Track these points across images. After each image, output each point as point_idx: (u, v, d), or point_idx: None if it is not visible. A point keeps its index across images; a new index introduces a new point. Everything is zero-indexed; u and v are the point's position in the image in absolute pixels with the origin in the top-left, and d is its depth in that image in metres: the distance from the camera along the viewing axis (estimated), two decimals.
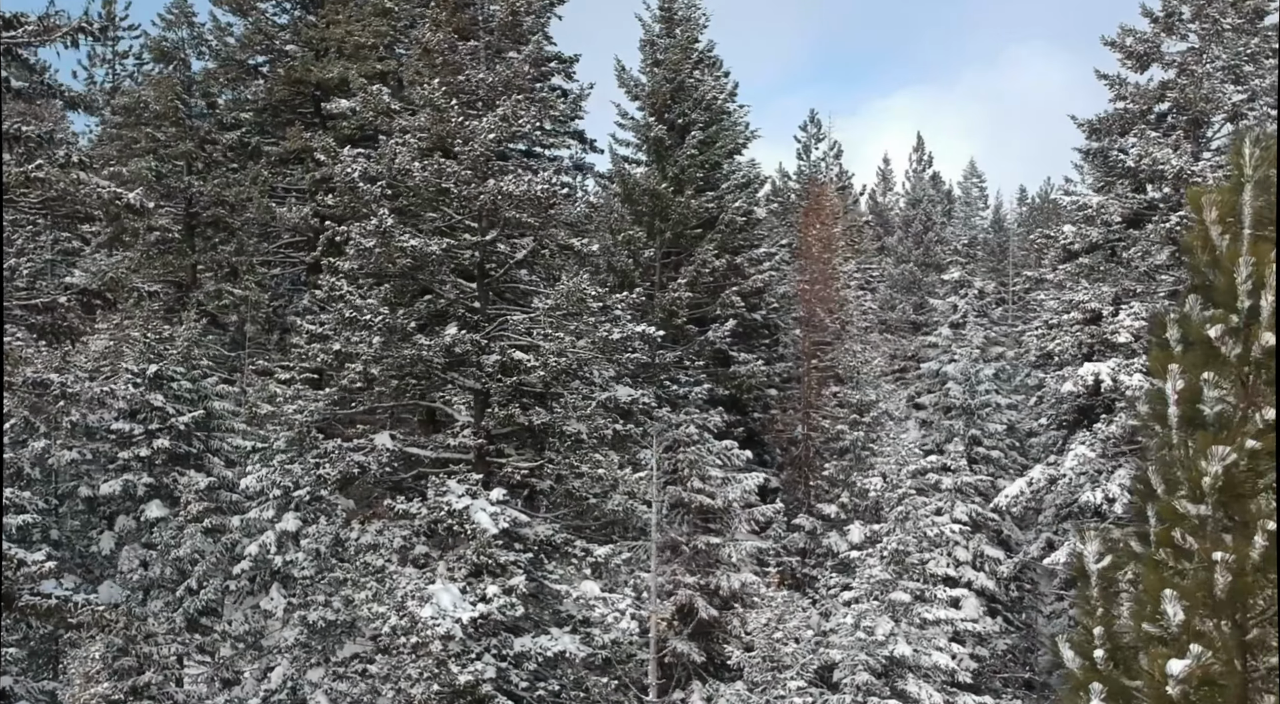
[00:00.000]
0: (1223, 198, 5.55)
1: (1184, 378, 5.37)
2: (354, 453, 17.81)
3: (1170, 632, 5.05)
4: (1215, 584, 5.02)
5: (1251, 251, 5.39)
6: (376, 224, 15.69)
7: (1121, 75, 22.37)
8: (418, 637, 15.69)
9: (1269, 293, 5.28)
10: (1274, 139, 5.57)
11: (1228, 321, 5.38)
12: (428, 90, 16.33)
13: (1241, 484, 5.18)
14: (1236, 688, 4.96)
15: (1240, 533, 5.10)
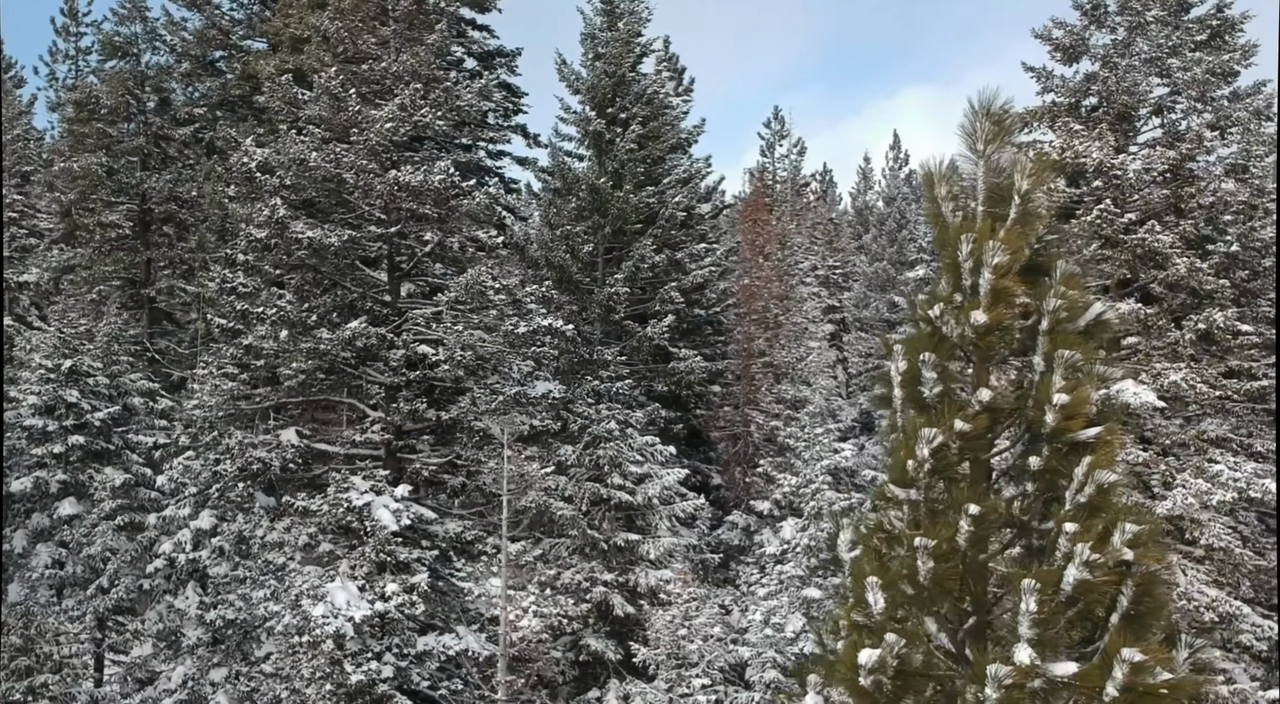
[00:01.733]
0: (952, 173, 5.35)
1: (907, 359, 5.16)
2: (257, 449, 17.51)
3: (874, 620, 4.85)
4: (918, 571, 4.81)
5: (972, 228, 5.18)
6: (269, 214, 15.41)
7: (1048, 68, 22.17)
8: (309, 636, 15.43)
9: (987, 270, 5.08)
10: (1008, 112, 5.38)
11: (951, 300, 5.18)
12: (324, 79, 16.05)
13: (950, 468, 4.98)
14: (943, 679, 4.75)
15: (947, 517, 4.89)
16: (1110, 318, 5.38)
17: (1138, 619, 4.77)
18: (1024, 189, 5.23)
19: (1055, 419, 4.91)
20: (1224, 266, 20.14)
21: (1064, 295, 5.12)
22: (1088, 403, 4.97)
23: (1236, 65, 21.01)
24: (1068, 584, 4.66)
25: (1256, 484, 19.00)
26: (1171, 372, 19.58)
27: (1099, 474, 4.77)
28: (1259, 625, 19.28)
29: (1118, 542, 4.72)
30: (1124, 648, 4.48)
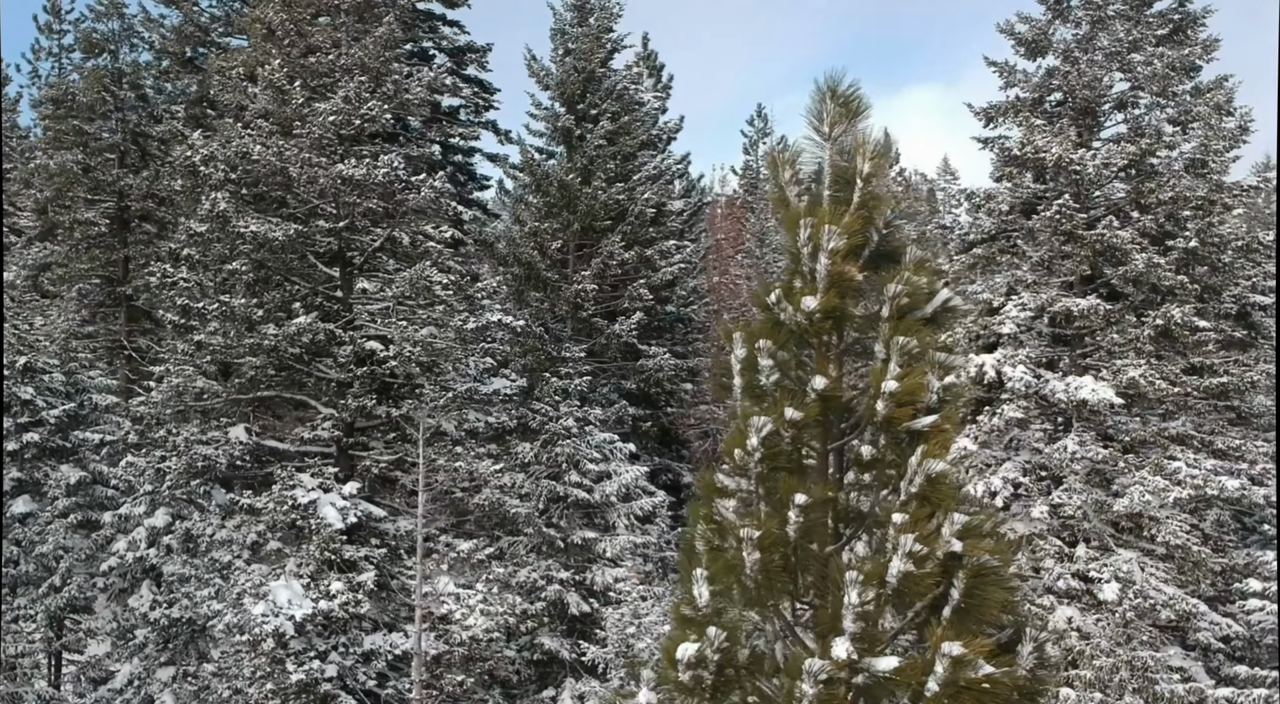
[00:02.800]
0: (794, 157, 5.21)
1: (745, 347, 5.02)
2: (205, 446, 17.37)
3: (701, 614, 4.71)
4: (744, 563, 4.67)
5: (813, 212, 5.04)
6: (209, 208, 15.28)
7: (1010, 62, 22.04)
8: (248, 635, 15.29)
9: (824, 255, 4.94)
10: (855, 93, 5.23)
11: (791, 287, 5.05)
12: (267, 72, 15.91)
13: (782, 456, 4.84)
14: (769, 674, 4.62)
15: (778, 508, 4.76)
16: (958, 304, 5.24)
17: (968, 612, 4.64)
18: (865, 171, 5.09)
19: (886, 407, 4.77)
20: (1183, 262, 20.02)
21: (908, 281, 4.98)
22: (921, 391, 4.84)
23: (1199, 60, 20.90)
24: (893, 576, 4.52)
25: (1214, 481, 18.88)
26: (1130, 368, 19.45)
27: (929, 463, 4.64)
28: (1218, 623, 19.16)
29: (946, 533, 4.59)
30: (946, 642, 4.34)
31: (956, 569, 4.65)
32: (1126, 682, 18.04)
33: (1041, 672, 5.15)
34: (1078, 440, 19.97)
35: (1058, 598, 20.37)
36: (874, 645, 4.55)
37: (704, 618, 4.66)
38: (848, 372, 5.15)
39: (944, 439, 4.79)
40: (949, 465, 4.69)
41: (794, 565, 4.73)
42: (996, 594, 4.67)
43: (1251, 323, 21.38)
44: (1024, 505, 21.38)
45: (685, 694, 4.53)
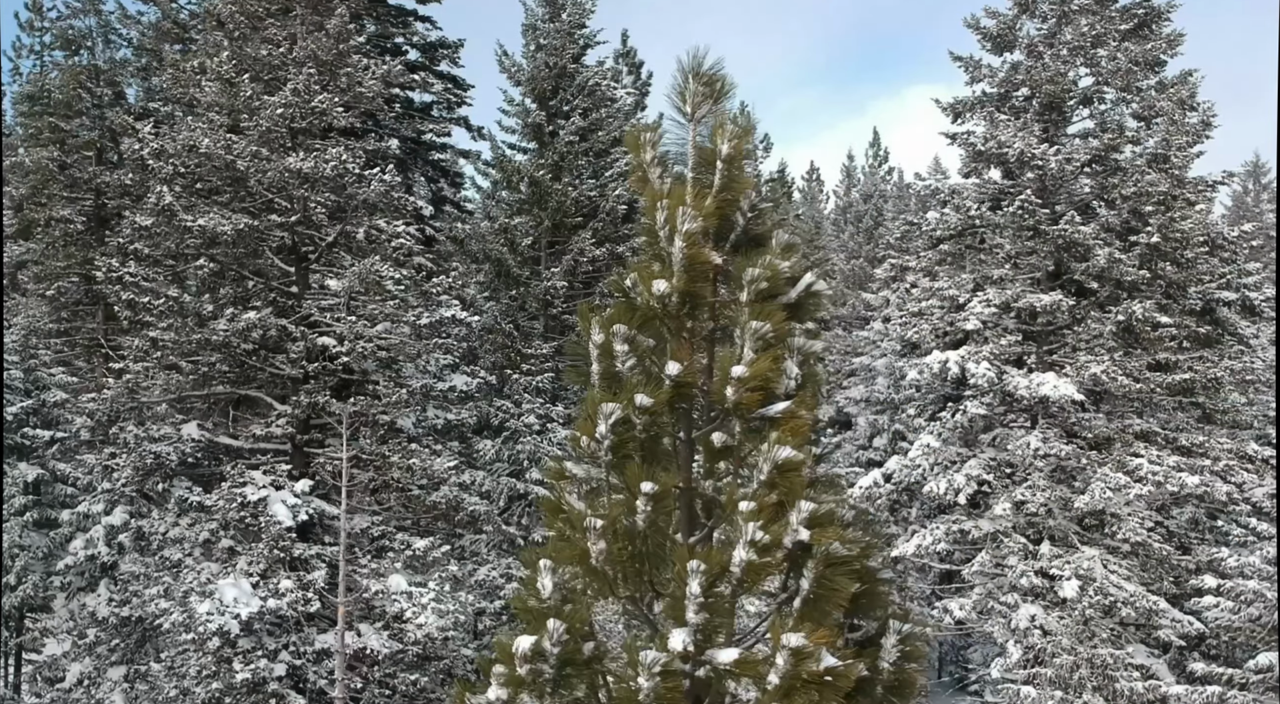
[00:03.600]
0: (656, 138, 5.08)
1: (602, 332, 4.89)
2: (156, 443, 17.20)
3: (546, 606, 4.58)
4: (591, 553, 4.54)
5: (671, 194, 4.91)
6: (155, 201, 15.11)
7: (976, 57, 21.95)
8: (193, 633, 15.14)
9: (679, 238, 4.81)
10: (719, 73, 5.10)
11: (649, 270, 4.91)
12: (215, 63, 15.76)
13: (629, 445, 4.71)
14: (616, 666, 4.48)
15: (629, 497, 4.62)
16: (824, 292, 5.12)
17: (817, 602, 4.51)
18: (725, 153, 4.96)
19: (735, 393, 4.64)
20: (1146, 258, 19.93)
21: (768, 265, 4.85)
22: (775, 376, 4.71)
23: (1163, 55, 20.81)
24: (736, 566, 4.39)
25: (1174, 478, 18.80)
26: (1093, 364, 19.35)
27: (778, 451, 4.51)
28: (1179, 620, 19.07)
29: (794, 521, 4.46)
30: (786, 633, 4.21)
31: (805, 559, 4.52)
32: (1086, 679, 17.96)
33: (910, 665, 5.03)
34: (1041, 437, 19.89)
35: (1021, 596, 20.29)
36: (716, 637, 4.42)
37: (549, 610, 4.52)
38: (712, 357, 5.01)
39: (797, 425, 4.66)
40: (800, 453, 4.55)
41: (644, 555, 4.60)
42: (846, 584, 4.54)
43: (1216, 319, 21.30)
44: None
45: (523, 689, 4.39)
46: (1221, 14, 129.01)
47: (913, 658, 4.96)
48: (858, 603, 5.07)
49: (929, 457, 20.67)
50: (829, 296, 5.91)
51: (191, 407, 18.72)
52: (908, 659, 4.96)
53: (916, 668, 5.04)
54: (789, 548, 4.51)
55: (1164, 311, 20.49)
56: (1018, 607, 20.04)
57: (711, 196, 5.01)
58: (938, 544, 20.84)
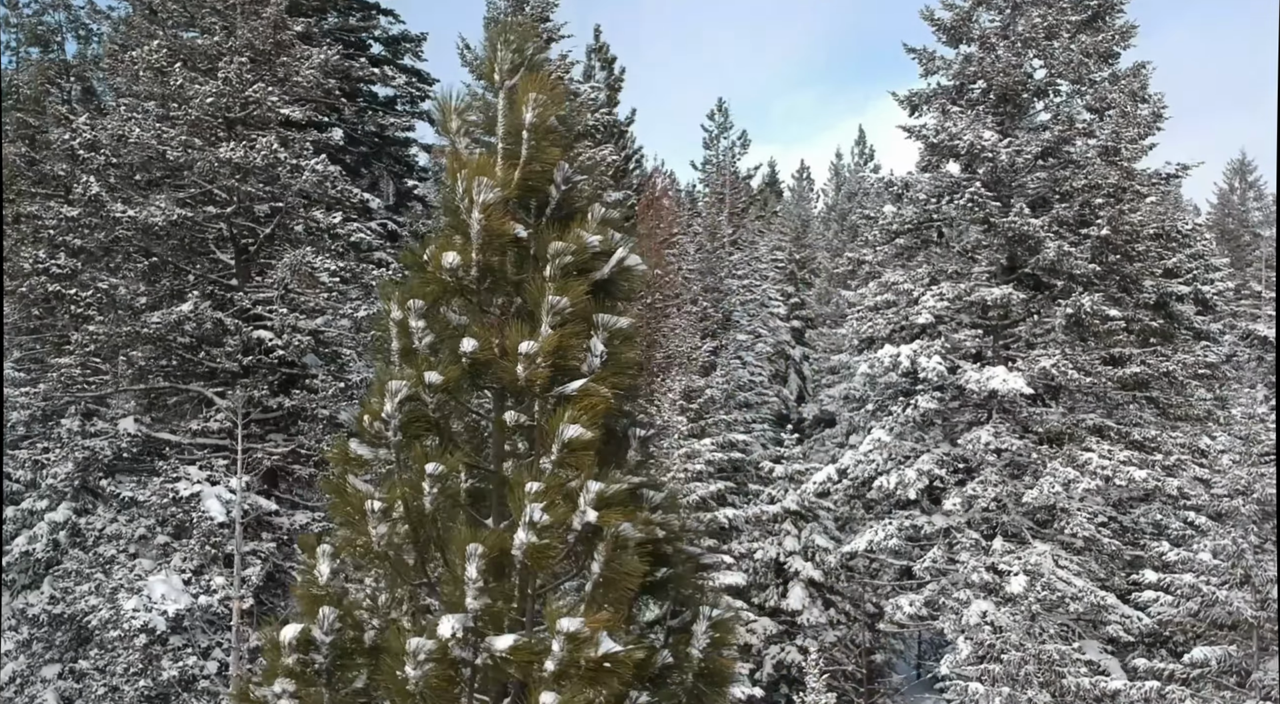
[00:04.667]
0: (464, 107, 4.89)
1: (399, 307, 4.70)
2: (92, 438, 16.96)
3: (326, 592, 4.39)
4: (372, 538, 4.36)
5: (470, 164, 4.72)
6: (81, 192, 14.89)
7: (930, 49, 21.80)
8: (119, 630, 14.92)
9: (477, 209, 4.62)
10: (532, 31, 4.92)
11: (450, 243, 4.73)
12: (146, 52, 15.54)
13: (418, 424, 4.53)
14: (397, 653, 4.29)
15: (414, 478, 4.44)
16: (637, 267, 4.93)
17: (608, 586, 4.33)
18: (531, 122, 4.78)
19: (526, 370, 4.46)
20: (1098, 251, 19.80)
21: (575, 239, 4.67)
22: (571, 352, 4.53)
23: (1116, 47, 20.68)
24: (518, 549, 4.21)
25: (1122, 472, 18.66)
26: (1044, 358, 19.22)
27: (568, 430, 4.33)
28: (1129, 616, 18.93)
29: (583, 502, 4.28)
30: (562, 618, 4.04)
31: (596, 542, 4.34)
32: (1033, 675, 17.81)
33: (723, 653, 4.85)
34: (993, 431, 19.74)
35: (974, 592, 20.14)
36: (500, 623, 4.23)
37: (325, 597, 4.34)
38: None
39: (592, 404, 4.47)
40: (591, 431, 4.37)
41: (432, 539, 4.42)
42: (637, 567, 4.36)
43: (1170, 313, 21.18)
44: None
45: (294, 679, 4.20)
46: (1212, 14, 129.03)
47: (723, 645, 4.79)
48: (665, 588, 4.90)
49: (880, 451, 20.51)
50: (643, 273, 5.63)
51: (128, 401, 18.49)
52: (719, 647, 4.78)
53: (730, 656, 4.87)
54: (579, 530, 4.33)
55: (1117, 305, 20.37)
56: (970, 603, 19.89)
57: (520, 167, 4.83)
58: (890, 540, 20.69)
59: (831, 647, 24.66)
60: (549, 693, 4.02)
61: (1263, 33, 36.94)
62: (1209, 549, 14.57)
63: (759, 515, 25.21)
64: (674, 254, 32.05)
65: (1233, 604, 14.12)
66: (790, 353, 47.59)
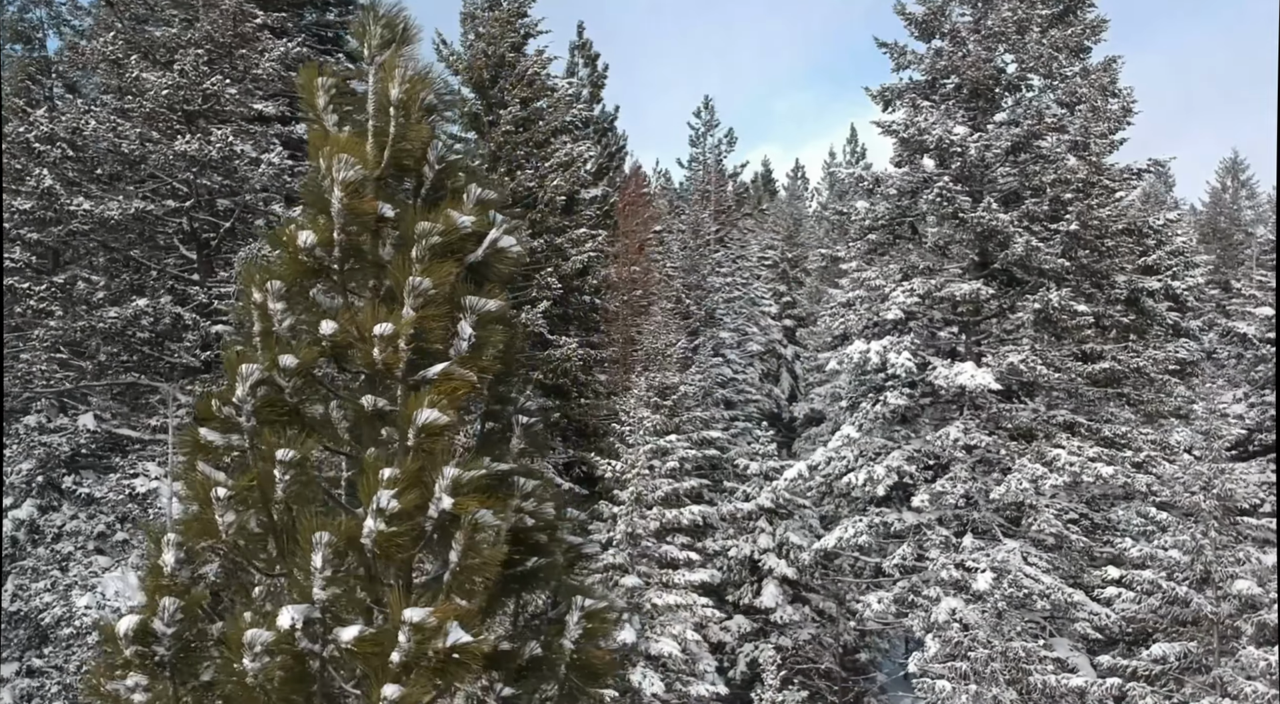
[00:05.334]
0: (332, 84, 4.75)
1: (263, 291, 4.56)
2: (51, 434, 16.80)
3: (171, 583, 4.25)
4: (219, 526, 4.22)
5: (334, 141, 4.58)
6: (34, 185, 14.73)
7: (901, 44, 21.66)
8: (71, 627, 14.76)
9: (338, 187, 4.48)
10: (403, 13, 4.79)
11: (314, 223, 4.59)
12: (102, 43, 15.39)
13: (272, 409, 4.39)
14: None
15: (266, 465, 4.30)
16: (512, 249, 4.79)
17: (465, 574, 4.20)
18: (398, 98, 4.64)
19: (382, 353, 4.33)
20: (1067, 246, 19.68)
21: (443, 219, 4.54)
22: (438, 336, 4.39)
23: (1087, 41, 20.56)
24: (367, 537, 4.08)
25: (1090, 469, 18.55)
26: (1012, 353, 19.09)
27: (423, 414, 4.20)
28: (1097, 613, 18.81)
29: (438, 489, 4.15)
30: (408, 609, 3.90)
31: (453, 529, 4.21)
32: (999, 673, 17.70)
33: (598, 644, 4.72)
34: (962, 428, 19.62)
35: (944, 589, 20.02)
36: (350, 614, 4.10)
37: (169, 588, 4.20)
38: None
39: (453, 387, 4.34)
40: (449, 415, 4.24)
41: (283, 527, 4.28)
42: (495, 555, 4.23)
43: (1143, 308, 21.06)
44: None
45: (137, 672, 4.07)
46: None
47: (597, 637, 4.65)
48: (536, 578, 4.77)
49: (850, 448, 20.39)
50: (518, 254, 5.37)
51: (105, 397, 18.34)
52: (592, 638, 4.65)
53: (606, 648, 4.74)
54: (436, 518, 4.19)
55: (1089, 301, 20.26)
56: (940, 600, 19.77)
57: (390, 145, 4.69)
58: (859, 537, 20.57)
59: (806, 645, 24.56)
60: (392, 685, 3.89)
61: (1261, 33, 36.59)
62: (1171, 545, 14.46)
63: (734, 512, 25.10)
64: (659, 251, 31.91)
65: (1192, 601, 14.01)
66: (782, 352, 47.45)
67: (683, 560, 19.04)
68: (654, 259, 38.15)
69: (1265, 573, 13.59)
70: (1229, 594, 13.82)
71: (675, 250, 41.25)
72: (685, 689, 17.65)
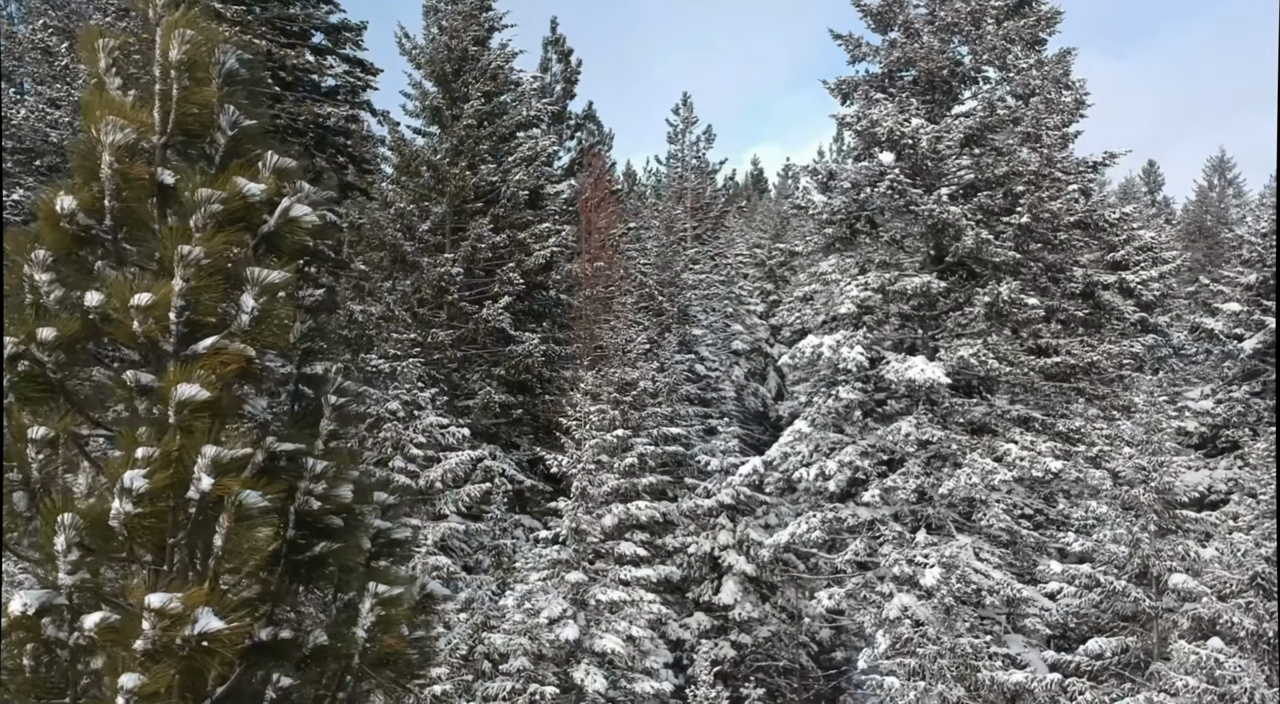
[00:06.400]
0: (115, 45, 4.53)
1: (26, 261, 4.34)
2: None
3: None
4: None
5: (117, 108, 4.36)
6: None
7: (857, 36, 21.48)
8: None
9: (108, 152, 4.26)
10: None
11: (80, 191, 4.37)
12: (29, 31, 15.14)
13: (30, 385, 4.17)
14: None
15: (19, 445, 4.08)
16: (305, 217, 4.57)
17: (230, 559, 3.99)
18: (177, 59, 4.42)
19: (141, 326, 4.11)
20: (1020, 239, 19.51)
21: (226, 185, 4.32)
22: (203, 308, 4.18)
23: (1041, 32, 20.39)
24: (115, 519, 3.87)
25: (1039, 463, 18.38)
26: (963, 347, 18.92)
27: (182, 390, 3.98)
28: (1048, 609, 18.65)
29: (198, 469, 3.94)
30: (150, 594, 3.69)
31: (215, 511, 3.99)
32: (946, 669, 17.51)
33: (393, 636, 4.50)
34: (914, 422, 19.44)
35: (897, 585, 19.84)
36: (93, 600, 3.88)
37: None
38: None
39: (224, 361, 4.13)
40: (211, 391, 4.02)
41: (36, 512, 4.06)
42: (261, 541, 4.01)
43: (1099, 302, 20.91)
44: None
45: None
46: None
47: (392, 624, 4.43)
48: (325, 563, 4.54)
49: (804, 442, 20.20)
50: (313, 225, 5.15)
51: None
52: (387, 627, 4.43)
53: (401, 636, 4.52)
54: (197, 499, 3.97)
55: (1044, 294, 20.10)
56: (893, 596, 19.59)
57: (174, 110, 4.47)
58: (812, 533, 20.38)
59: (765, 642, 24.36)
60: (131, 675, 3.67)
61: (1260, 33, 36.33)
62: (1109, 539, 14.28)
63: (694, 509, 24.89)
64: (636, 248, 31.66)
65: (1131, 595, 13.83)
66: (769, 350, 47.26)
67: (629, 556, 18.83)
68: (630, 256, 37.96)
69: (1201, 566, 13.41)
70: (1166, 589, 13.64)
71: (650, 247, 41.05)
72: (630, 687, 17.43)
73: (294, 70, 29.55)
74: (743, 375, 41.74)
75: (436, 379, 26.55)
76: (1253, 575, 12.26)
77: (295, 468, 4.46)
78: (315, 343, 5.00)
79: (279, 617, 4.44)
